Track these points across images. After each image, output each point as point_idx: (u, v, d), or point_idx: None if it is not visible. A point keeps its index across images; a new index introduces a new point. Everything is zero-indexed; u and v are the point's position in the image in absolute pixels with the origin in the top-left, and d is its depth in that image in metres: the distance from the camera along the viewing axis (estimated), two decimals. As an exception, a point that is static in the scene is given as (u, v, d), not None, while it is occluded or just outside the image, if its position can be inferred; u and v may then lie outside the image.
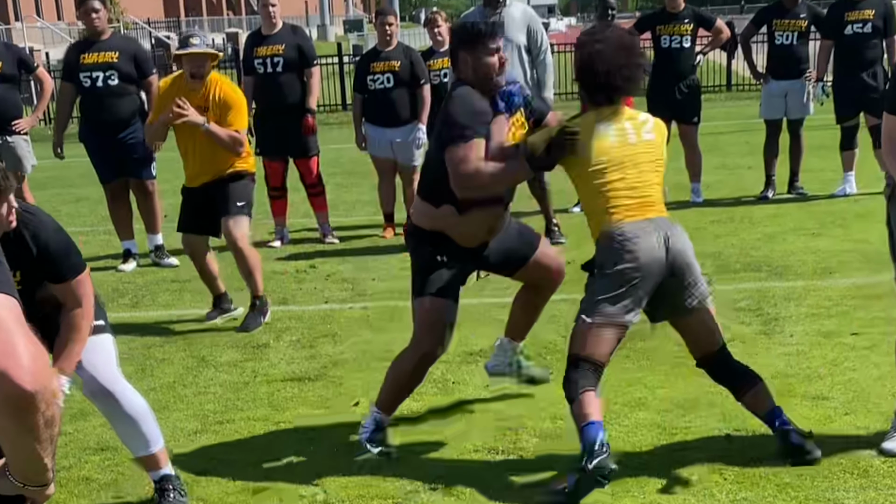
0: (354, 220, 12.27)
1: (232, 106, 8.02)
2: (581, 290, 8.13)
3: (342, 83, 25.84)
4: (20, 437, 2.07)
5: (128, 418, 5.03)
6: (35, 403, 2.00)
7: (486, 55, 5.51)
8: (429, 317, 5.66)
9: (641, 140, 5.37)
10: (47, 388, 2.01)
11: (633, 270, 5.13)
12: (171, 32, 52.68)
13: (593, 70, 5.34)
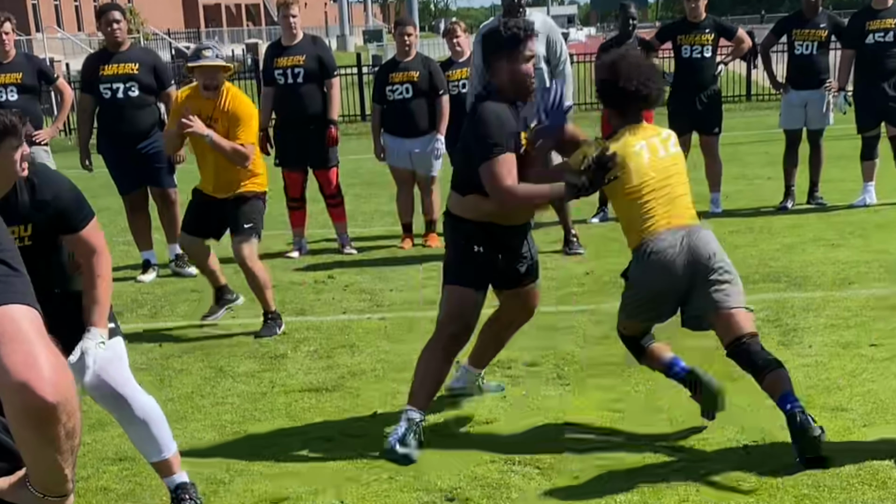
0: (373, 231, 12.28)
1: (240, 118, 8.07)
2: (598, 300, 8.18)
3: (361, 93, 25.87)
4: (41, 448, 2.07)
5: (139, 422, 5.05)
6: (56, 415, 2.01)
7: (522, 61, 5.72)
8: (457, 306, 5.91)
9: (669, 154, 5.78)
10: (69, 399, 2.02)
11: (656, 290, 5.68)
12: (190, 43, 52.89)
13: (624, 85, 5.66)
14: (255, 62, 28.20)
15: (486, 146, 5.59)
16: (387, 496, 5.29)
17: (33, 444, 2.08)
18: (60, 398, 1.99)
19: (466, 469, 5.55)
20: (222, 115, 8.00)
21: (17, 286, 2.08)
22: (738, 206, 12.52)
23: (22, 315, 2.04)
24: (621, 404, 6.38)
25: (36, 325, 2.04)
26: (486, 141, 5.60)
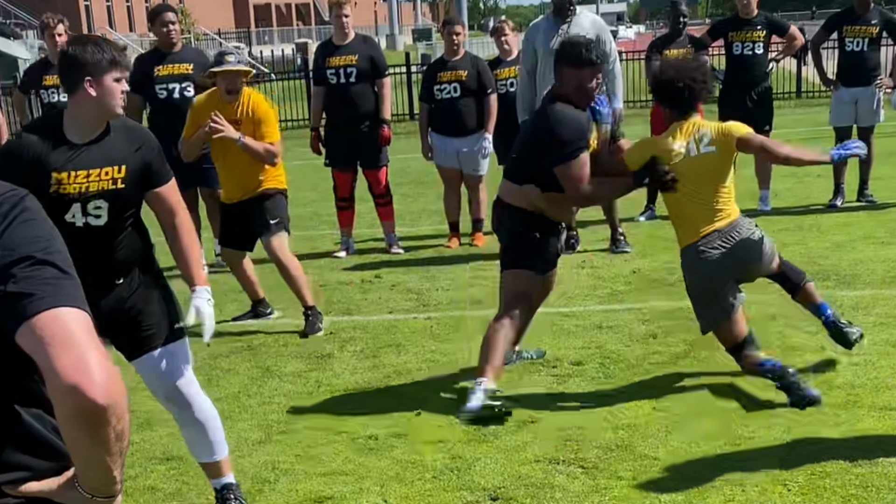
0: (420, 231, 12.29)
1: (264, 119, 8.14)
2: (644, 299, 8.15)
3: (410, 93, 25.90)
4: (91, 449, 2.10)
5: (197, 423, 5.10)
6: (107, 417, 2.03)
7: (590, 78, 6.35)
8: (519, 289, 6.57)
9: (701, 154, 6.32)
10: (119, 402, 2.04)
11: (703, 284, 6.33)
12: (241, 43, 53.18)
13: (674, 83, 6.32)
14: (305, 62, 28.32)
15: (566, 148, 6.25)
16: (430, 496, 5.30)
17: (83, 446, 2.10)
18: (111, 401, 2.02)
19: (510, 468, 5.55)
20: (246, 117, 8.07)
21: (67, 289, 2.09)
22: (788, 203, 12.42)
23: (72, 318, 2.05)
24: (667, 402, 6.35)
25: (86, 328, 2.06)
26: (565, 143, 6.25)
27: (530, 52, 10.06)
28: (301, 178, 17.11)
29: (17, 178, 4.51)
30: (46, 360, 2.01)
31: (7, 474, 2.23)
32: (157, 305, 4.99)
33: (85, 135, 4.62)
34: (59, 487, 2.27)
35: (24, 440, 2.24)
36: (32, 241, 2.11)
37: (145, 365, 4.96)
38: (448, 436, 6.05)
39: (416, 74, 25.49)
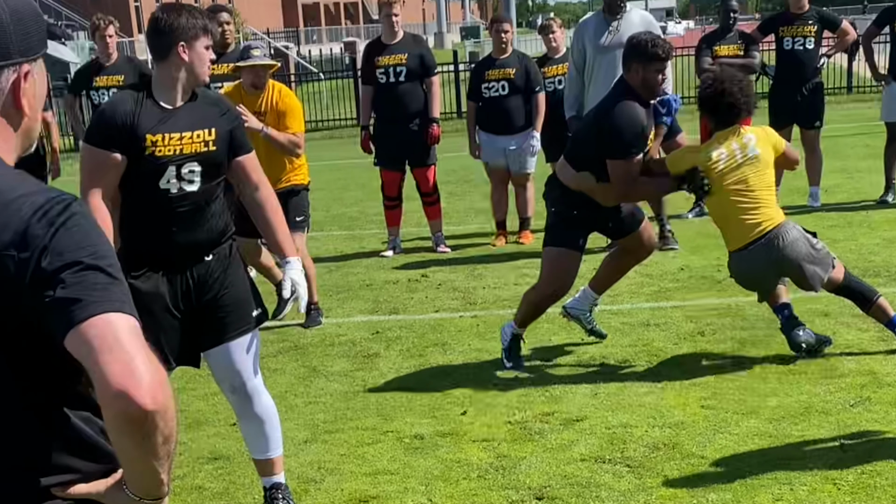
0: (466, 229, 12.27)
1: (288, 110, 8.20)
2: (692, 296, 8.11)
3: (457, 91, 25.88)
4: (138, 453, 2.11)
5: (256, 418, 5.14)
6: (154, 422, 2.04)
7: (656, 73, 6.69)
8: (556, 265, 7.01)
9: (747, 157, 6.61)
10: (166, 406, 2.05)
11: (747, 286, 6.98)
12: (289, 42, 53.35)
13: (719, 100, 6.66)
14: (353, 61, 28.37)
15: (623, 146, 6.65)
16: (475, 495, 5.29)
17: (131, 450, 2.11)
18: (158, 406, 2.03)
19: (556, 468, 5.54)
20: (271, 109, 8.13)
21: (116, 294, 2.10)
22: (838, 199, 12.29)
23: (121, 323, 2.06)
24: (714, 401, 6.31)
25: (135, 334, 2.07)
26: (624, 142, 6.65)
27: (579, 50, 10.02)
28: (348, 177, 17.18)
29: (113, 141, 4.63)
30: (95, 366, 2.02)
31: (56, 476, 2.24)
32: (241, 288, 5.04)
33: (175, 100, 4.74)
34: (106, 489, 2.29)
35: (73, 443, 2.25)
36: (81, 247, 2.10)
37: (219, 355, 5.00)
38: (494, 435, 6.04)
39: (464, 73, 25.48)
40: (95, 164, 4.68)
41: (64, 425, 2.24)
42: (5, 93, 2.23)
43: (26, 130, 2.31)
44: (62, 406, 2.23)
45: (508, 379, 6.95)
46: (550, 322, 8.03)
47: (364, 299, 9.35)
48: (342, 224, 13.42)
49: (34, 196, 2.14)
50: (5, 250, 2.08)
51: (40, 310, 2.08)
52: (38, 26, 2.28)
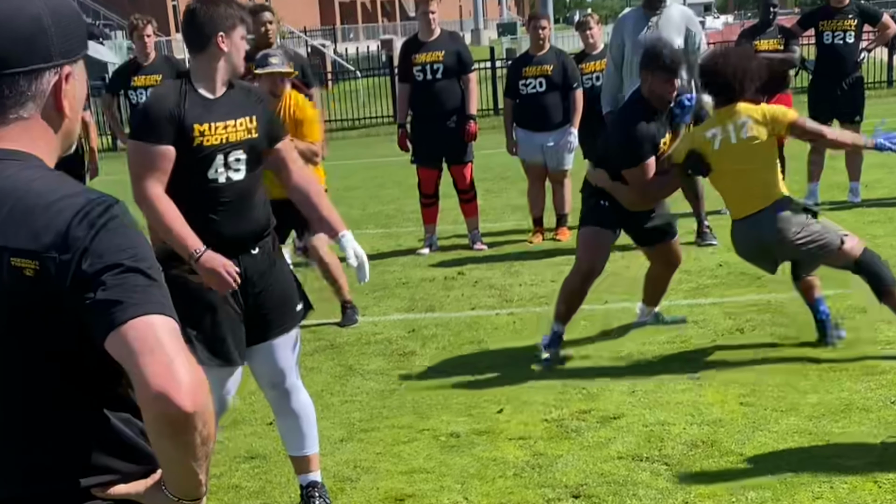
0: (503, 226, 12.24)
1: (306, 120, 8.17)
2: (731, 293, 8.05)
3: (494, 88, 25.85)
4: (177, 454, 2.12)
5: (293, 414, 5.16)
6: (193, 423, 2.06)
7: (665, 83, 6.88)
8: (590, 242, 7.23)
9: (741, 138, 6.60)
10: (205, 407, 2.07)
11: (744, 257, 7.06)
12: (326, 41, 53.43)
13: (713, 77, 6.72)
14: (390, 58, 28.38)
15: (630, 156, 6.90)
16: (511, 493, 5.27)
17: (170, 451, 2.13)
18: (197, 407, 2.04)
19: (593, 466, 5.50)
20: (289, 118, 8.07)
21: (156, 296, 2.11)
22: (878, 195, 12.15)
23: (161, 325, 2.07)
24: (753, 398, 6.25)
25: (174, 336, 2.08)
26: (629, 152, 6.90)
27: (618, 45, 9.98)
28: (385, 175, 17.19)
29: (164, 134, 4.66)
30: (135, 368, 2.04)
31: (96, 477, 2.26)
32: (286, 284, 5.07)
33: (215, 89, 4.78)
34: (146, 490, 2.30)
35: (113, 444, 2.26)
36: (121, 249, 2.11)
37: (263, 352, 5.01)
38: (530, 433, 6.02)
39: (501, 69, 25.45)
40: (149, 160, 4.66)
41: (104, 426, 2.25)
42: (46, 95, 2.24)
43: (67, 132, 2.32)
44: (102, 407, 2.25)
45: (545, 377, 6.91)
46: (587, 319, 8.00)
47: (400, 297, 9.34)
48: (379, 222, 13.42)
49: (75, 198, 2.15)
50: (46, 252, 2.09)
51: (81, 312, 2.09)
52: (78, 28, 2.29)
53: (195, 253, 4.60)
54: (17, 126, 2.23)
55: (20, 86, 2.21)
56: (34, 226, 2.10)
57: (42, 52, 2.20)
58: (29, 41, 2.19)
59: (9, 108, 2.22)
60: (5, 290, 2.12)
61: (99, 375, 2.22)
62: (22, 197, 2.14)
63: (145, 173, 4.64)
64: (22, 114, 2.23)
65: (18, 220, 2.11)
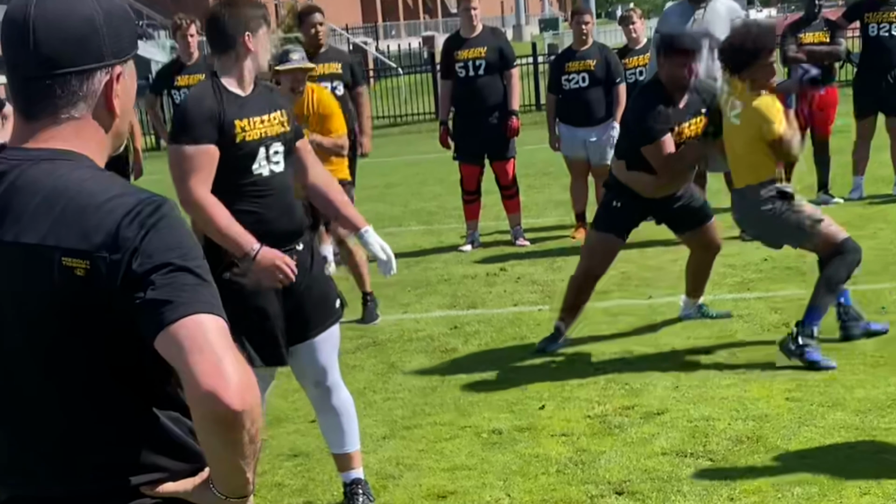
0: (545, 222, 12.20)
1: (330, 113, 8.17)
2: (776, 287, 7.98)
3: (536, 83, 25.81)
4: (225, 452, 2.14)
5: (333, 411, 5.17)
6: (241, 422, 2.06)
7: (681, 66, 7.00)
8: (593, 245, 7.50)
9: (728, 121, 6.76)
10: (253, 406, 2.07)
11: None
12: (368, 38, 53.49)
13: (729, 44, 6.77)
14: (431, 55, 28.41)
15: (645, 132, 7.02)
16: (554, 490, 5.24)
17: (218, 449, 2.14)
18: (246, 406, 2.05)
19: (636, 461, 5.47)
20: (313, 113, 8.09)
21: (204, 296, 2.12)
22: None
23: (210, 324, 2.08)
24: (799, 393, 6.19)
25: (223, 335, 2.09)
26: (644, 128, 7.03)
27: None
28: (427, 172, 17.19)
29: (207, 134, 4.71)
30: (184, 367, 2.05)
31: (145, 475, 2.27)
32: (325, 281, 5.14)
33: (246, 87, 4.83)
34: (194, 488, 2.31)
35: (162, 442, 2.28)
36: (170, 248, 2.13)
37: (305, 351, 5.02)
38: (573, 429, 5.98)
39: (543, 65, 25.41)
40: (194, 161, 4.68)
41: (154, 425, 2.27)
42: (98, 95, 2.26)
43: (117, 132, 2.34)
44: (152, 406, 2.27)
45: (588, 372, 6.87)
46: (630, 314, 7.96)
47: (442, 294, 9.32)
48: (420, 219, 13.42)
49: (125, 198, 2.17)
50: (97, 252, 2.11)
51: (131, 311, 2.11)
52: (129, 27, 2.31)
53: (252, 251, 4.62)
54: (69, 126, 2.25)
55: (72, 86, 2.23)
56: (85, 226, 2.12)
57: (94, 52, 2.22)
58: (81, 41, 2.21)
59: (61, 108, 2.23)
60: (57, 290, 2.14)
61: (148, 374, 2.24)
62: (73, 197, 2.15)
63: (190, 176, 4.65)
64: (74, 113, 2.24)
65: (70, 221, 2.13)
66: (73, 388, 2.22)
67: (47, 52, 2.19)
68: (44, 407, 2.24)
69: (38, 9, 2.19)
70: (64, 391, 2.22)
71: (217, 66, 4.89)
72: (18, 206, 2.18)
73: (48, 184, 2.17)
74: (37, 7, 2.19)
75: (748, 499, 4.95)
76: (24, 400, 2.25)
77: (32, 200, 2.17)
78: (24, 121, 2.26)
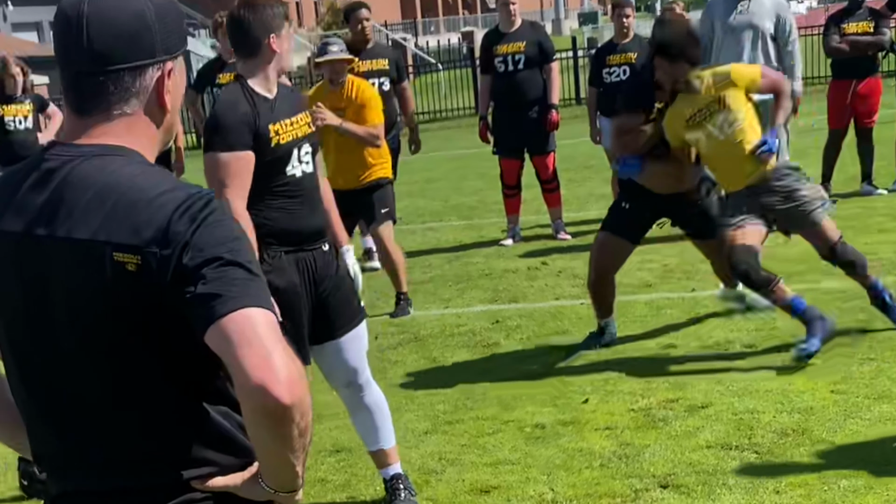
0: (587, 215, 12.13)
1: (368, 103, 8.21)
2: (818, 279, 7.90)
3: (576, 77, 25.75)
4: (275, 446, 2.14)
5: (366, 409, 5.17)
6: (291, 415, 2.07)
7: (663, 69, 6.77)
8: (599, 248, 7.32)
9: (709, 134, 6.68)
10: (303, 399, 2.08)
11: None
12: (407, 34, 53.53)
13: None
14: (471, 50, 28.37)
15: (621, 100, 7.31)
16: (598, 484, 5.21)
17: (268, 443, 2.15)
18: (295, 399, 2.05)
19: (681, 455, 5.43)
20: (350, 103, 8.14)
21: (254, 290, 2.13)
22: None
23: (260, 318, 2.09)
24: (844, 385, 6.13)
25: (272, 328, 2.10)
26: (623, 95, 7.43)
27: (707, 27, 9.91)
28: (467, 167, 17.18)
29: (243, 140, 4.74)
30: (234, 360, 2.06)
31: (195, 469, 2.28)
32: (347, 280, 5.14)
33: (272, 89, 4.84)
34: (243, 482, 2.32)
35: (212, 437, 2.29)
36: (221, 242, 2.14)
37: (334, 350, 5.03)
38: (616, 423, 5.95)
39: (583, 59, 25.35)
40: (231, 169, 4.68)
41: (204, 420, 2.28)
42: (150, 90, 2.28)
43: (168, 127, 2.36)
44: (202, 401, 2.28)
45: (631, 366, 6.84)
46: (673, 307, 7.92)
47: (483, 288, 9.31)
48: (461, 213, 13.41)
49: (175, 192, 2.18)
50: (147, 247, 2.12)
51: (181, 306, 2.12)
52: (179, 23, 2.33)
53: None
54: (122, 122, 2.26)
55: (125, 82, 2.24)
56: (136, 221, 2.13)
57: (146, 48, 2.24)
58: (134, 37, 2.22)
59: (113, 104, 2.25)
60: (108, 285, 2.15)
61: (198, 369, 2.25)
62: (124, 192, 2.17)
63: (227, 186, 4.63)
64: (126, 109, 2.26)
65: (121, 216, 2.14)
66: (125, 383, 2.23)
67: (100, 48, 2.20)
68: (96, 402, 2.26)
69: (91, 6, 2.20)
70: (115, 386, 2.23)
71: (242, 68, 4.88)
72: (70, 202, 2.19)
73: (99, 179, 2.19)
74: (90, 4, 2.20)
75: (794, 492, 4.90)
76: (76, 395, 2.26)
77: (84, 196, 2.18)
78: (76, 117, 2.28)
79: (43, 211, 2.21)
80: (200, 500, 2.30)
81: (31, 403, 2.35)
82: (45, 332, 2.24)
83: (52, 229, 2.19)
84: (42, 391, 2.30)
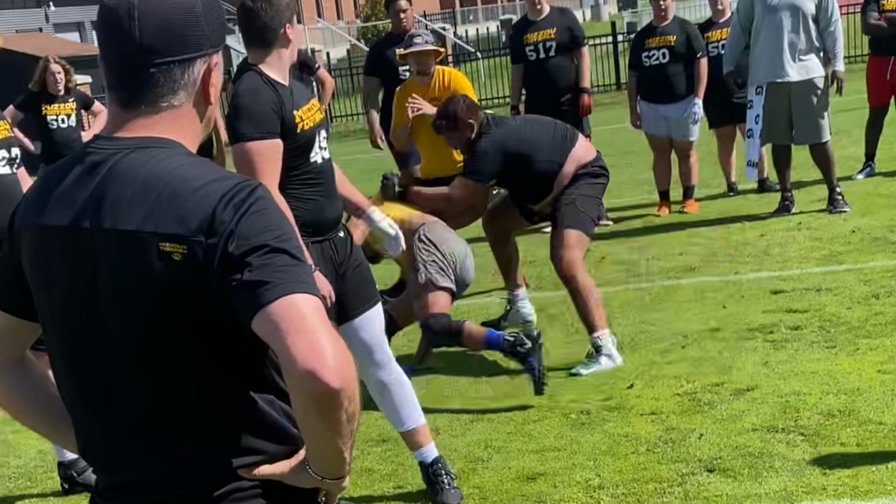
0: (629, 201, 12.10)
1: (459, 89, 8.13)
2: (865, 259, 7.84)
3: (616, 62, 25.65)
4: (324, 432, 2.15)
5: (387, 389, 5.19)
6: (340, 400, 2.08)
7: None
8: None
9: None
10: (351, 384, 2.09)
11: None
12: (446, 24, 53.43)
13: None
14: (510, 38, 28.34)
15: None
16: (644, 469, 5.20)
17: (317, 429, 2.15)
18: (344, 384, 2.06)
19: (727, 439, 5.41)
20: (443, 92, 8.09)
21: (300, 275, 2.14)
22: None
23: (306, 304, 2.10)
24: (892, 365, 6.08)
25: (319, 313, 2.11)
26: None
27: (747, 6, 9.88)
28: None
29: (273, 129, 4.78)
30: (282, 347, 2.07)
31: (243, 458, 2.29)
32: (365, 261, 5.21)
33: (287, 77, 4.88)
34: (290, 470, 2.33)
35: (260, 425, 2.30)
36: (266, 230, 2.15)
37: (349, 332, 5.01)
38: (661, 407, 5.94)
39: (623, 44, 25.24)
40: (263, 157, 4.70)
41: (251, 408, 2.29)
42: (197, 83, 2.31)
43: (209, 119, 2.39)
44: (249, 390, 2.28)
45: (675, 351, 6.83)
46: (716, 290, 7.88)
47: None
48: (503, 202, 13.35)
49: (220, 182, 2.20)
50: (193, 237, 2.14)
51: (228, 294, 2.14)
52: (222, 17, 2.36)
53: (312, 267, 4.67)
54: (168, 114, 2.29)
55: (174, 75, 2.27)
56: (181, 211, 2.15)
57: (195, 42, 2.27)
58: (184, 31, 2.25)
59: (160, 97, 2.27)
60: (156, 275, 2.17)
61: (245, 358, 2.26)
62: (169, 183, 2.18)
63: (260, 175, 4.61)
64: (174, 102, 2.29)
65: (166, 206, 2.16)
66: (174, 373, 2.24)
67: (151, 41, 2.22)
68: (144, 393, 2.27)
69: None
70: (164, 377, 2.25)
71: (254, 58, 4.85)
72: (115, 194, 2.21)
73: (144, 171, 2.21)
74: None
75: (841, 473, 4.87)
76: (125, 387, 2.28)
77: (129, 188, 2.20)
78: (123, 110, 2.30)
79: (89, 204, 2.23)
80: (248, 489, 2.30)
81: (79, 397, 2.36)
82: (94, 324, 2.26)
83: (98, 222, 2.21)
84: (91, 384, 2.32)
